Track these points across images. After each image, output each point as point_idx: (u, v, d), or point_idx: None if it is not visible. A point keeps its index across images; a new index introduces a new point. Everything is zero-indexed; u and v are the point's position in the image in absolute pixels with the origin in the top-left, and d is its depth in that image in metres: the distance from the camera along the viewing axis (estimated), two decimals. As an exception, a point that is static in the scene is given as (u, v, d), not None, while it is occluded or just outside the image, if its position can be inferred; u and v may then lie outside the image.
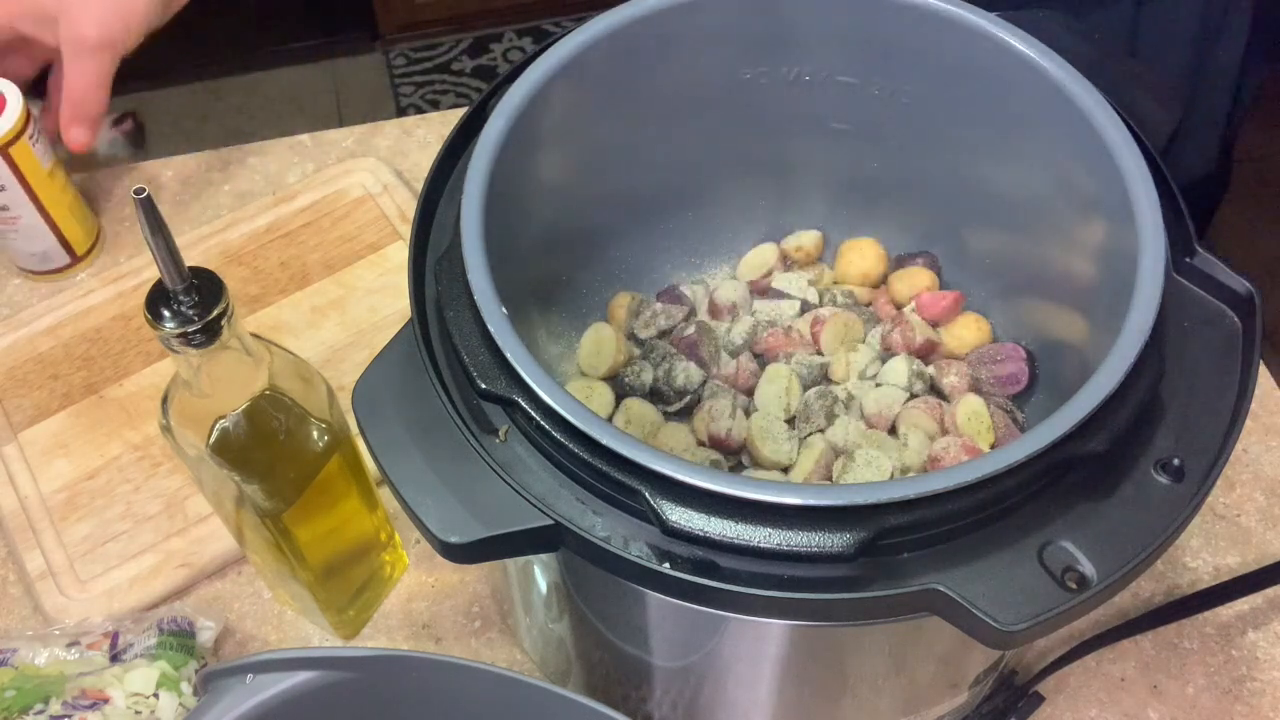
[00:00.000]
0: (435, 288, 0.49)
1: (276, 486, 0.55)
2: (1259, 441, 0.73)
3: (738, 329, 0.64)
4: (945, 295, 0.62)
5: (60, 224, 0.80)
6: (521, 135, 0.53)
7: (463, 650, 0.67)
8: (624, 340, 0.63)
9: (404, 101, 2.14)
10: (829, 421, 0.60)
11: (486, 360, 0.46)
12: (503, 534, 0.43)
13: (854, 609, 0.43)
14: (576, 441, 0.44)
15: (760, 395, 0.61)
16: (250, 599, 0.69)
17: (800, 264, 0.66)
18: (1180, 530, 0.43)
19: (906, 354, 0.61)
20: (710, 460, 0.59)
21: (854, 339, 0.63)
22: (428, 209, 0.53)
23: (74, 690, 0.59)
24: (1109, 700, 0.64)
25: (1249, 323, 0.48)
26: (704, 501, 0.42)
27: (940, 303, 0.62)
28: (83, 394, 0.76)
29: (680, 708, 0.56)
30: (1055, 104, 0.52)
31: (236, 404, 0.52)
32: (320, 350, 0.77)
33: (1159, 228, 0.47)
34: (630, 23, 0.55)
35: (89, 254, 0.83)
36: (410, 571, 0.69)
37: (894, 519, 0.41)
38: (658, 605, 0.47)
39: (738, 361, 0.63)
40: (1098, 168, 0.50)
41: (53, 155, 0.78)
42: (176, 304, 0.47)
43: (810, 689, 0.53)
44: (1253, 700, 0.64)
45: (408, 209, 0.84)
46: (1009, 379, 0.60)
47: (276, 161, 0.89)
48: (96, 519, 0.70)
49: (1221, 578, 0.67)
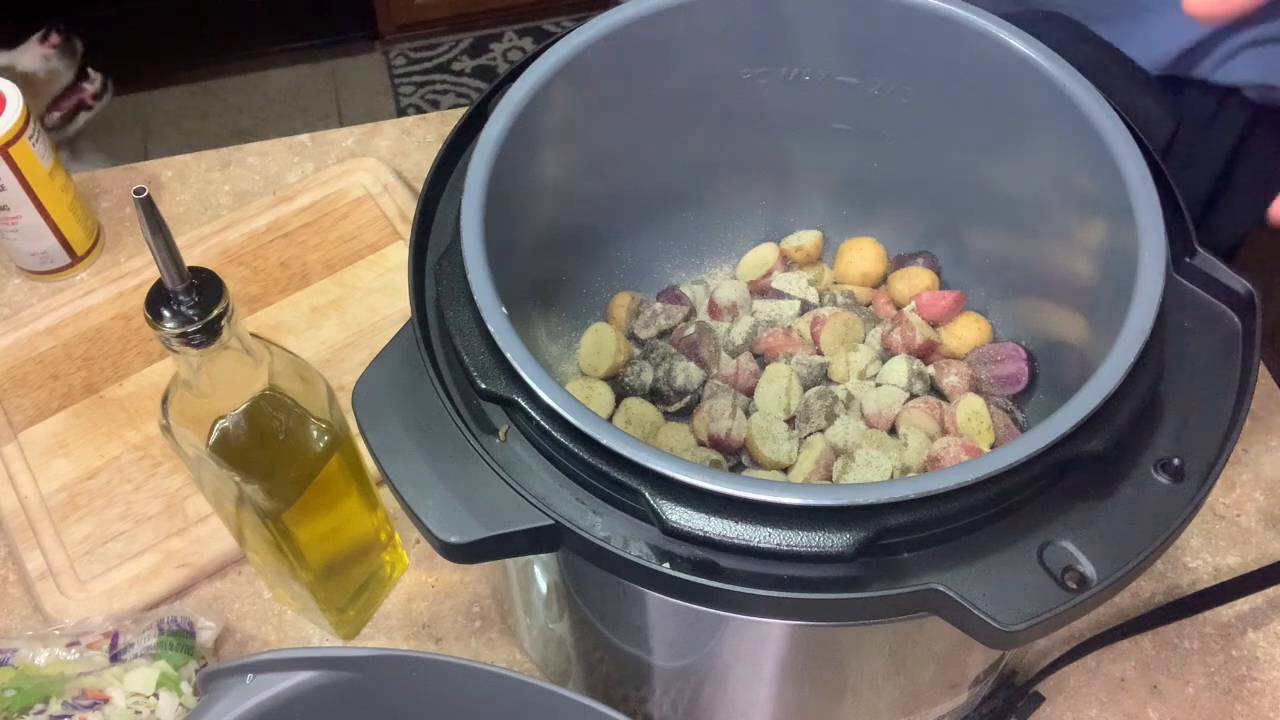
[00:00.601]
0: (435, 288, 0.49)
1: (276, 486, 0.55)
2: (1259, 441, 0.73)
3: (737, 329, 0.64)
4: (945, 295, 0.62)
5: (60, 224, 0.80)
6: (521, 135, 0.53)
7: (463, 650, 0.67)
8: (624, 340, 0.63)
9: (404, 101, 2.14)
10: (829, 421, 0.60)
11: (486, 360, 0.46)
12: (503, 534, 0.43)
13: (854, 609, 0.43)
14: (576, 441, 0.44)
15: (760, 395, 0.61)
16: (250, 599, 0.69)
17: (800, 264, 0.66)
18: (1180, 530, 0.43)
19: (906, 354, 0.61)
20: (710, 460, 0.59)
21: (854, 339, 0.63)
22: (428, 209, 0.53)
23: (74, 690, 0.59)
24: (1109, 700, 0.64)
25: (1249, 323, 0.48)
26: (704, 501, 0.42)
27: (940, 303, 0.62)
28: (83, 394, 0.76)
29: (680, 708, 0.56)
30: (1055, 104, 0.52)
31: (236, 404, 0.52)
32: (320, 350, 0.77)
33: (1159, 227, 0.47)
34: (630, 23, 0.55)
35: (89, 254, 0.83)
36: (410, 571, 0.69)
37: (894, 519, 0.41)
38: (658, 605, 0.47)
39: (738, 362, 0.63)
40: (1098, 168, 0.50)
41: (53, 155, 0.78)
42: (176, 304, 0.47)
43: (810, 689, 0.53)
44: (1253, 700, 0.64)
45: (408, 209, 0.84)
46: (1009, 379, 0.60)
47: (276, 161, 0.89)
48: (96, 519, 0.70)
49: (1221, 578, 0.67)
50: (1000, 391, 0.60)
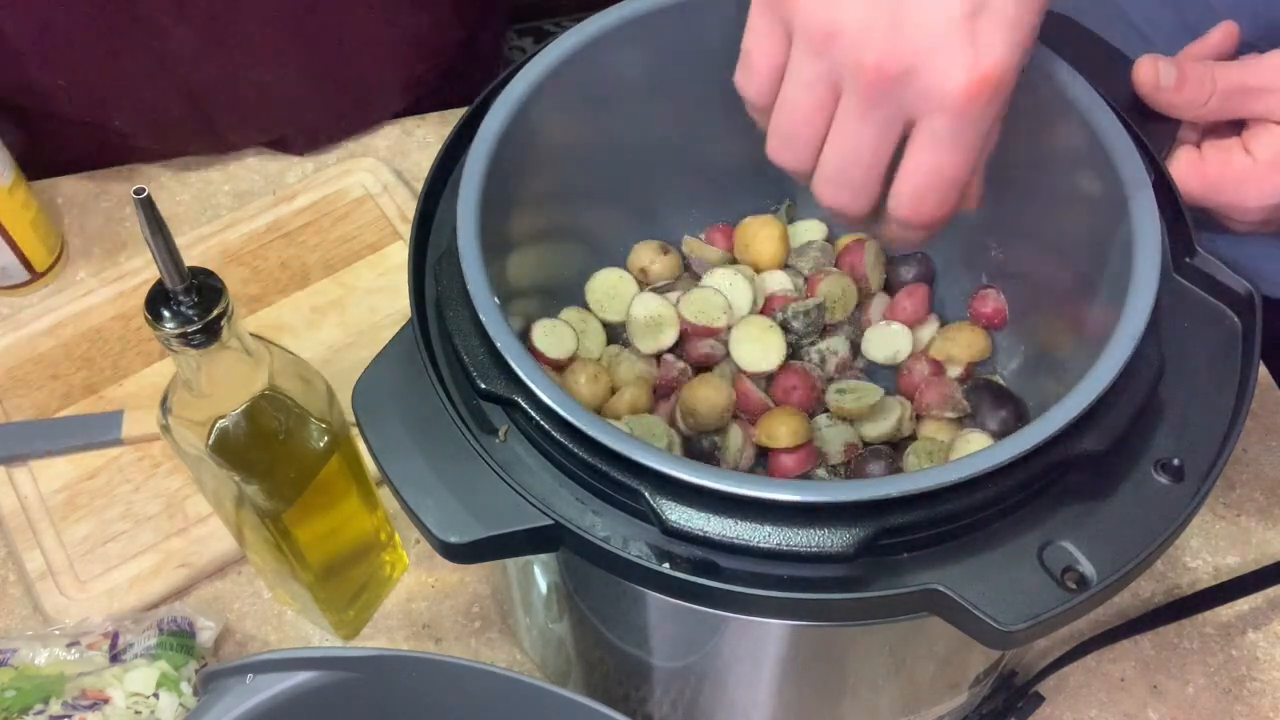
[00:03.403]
0: (435, 288, 0.49)
1: (276, 486, 0.55)
2: (1259, 441, 0.73)
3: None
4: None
5: (19, 241, 0.78)
6: (520, 135, 0.53)
7: (463, 650, 0.67)
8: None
9: (404, 101, 2.13)
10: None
11: (486, 360, 0.46)
12: (502, 534, 0.43)
13: (854, 609, 0.43)
14: (576, 441, 0.44)
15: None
16: (250, 599, 0.69)
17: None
18: (1180, 530, 0.43)
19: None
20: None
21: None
22: (427, 209, 0.53)
23: (74, 690, 0.59)
24: (1109, 700, 0.64)
25: (1249, 322, 0.48)
26: (703, 500, 0.42)
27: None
28: (83, 394, 0.76)
29: (680, 708, 0.56)
30: (1055, 104, 0.52)
31: (236, 404, 0.52)
32: (320, 350, 0.77)
33: (1155, 222, 0.47)
34: (629, 22, 0.55)
35: (50, 270, 0.82)
36: (410, 571, 0.69)
37: (894, 518, 0.41)
38: (658, 605, 0.47)
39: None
40: (1097, 167, 0.50)
41: (13, 172, 0.77)
42: (176, 304, 0.47)
43: (810, 689, 0.53)
44: (1253, 700, 0.64)
45: (408, 209, 0.84)
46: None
47: (276, 161, 0.89)
48: (96, 519, 0.70)
49: (1221, 578, 0.67)
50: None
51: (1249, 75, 0.53)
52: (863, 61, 0.41)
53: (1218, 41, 0.57)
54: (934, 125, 0.42)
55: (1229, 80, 0.53)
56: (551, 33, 1.22)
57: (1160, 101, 0.54)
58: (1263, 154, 0.53)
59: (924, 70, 0.41)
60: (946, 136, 0.42)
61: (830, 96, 0.44)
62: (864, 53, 0.41)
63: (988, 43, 0.41)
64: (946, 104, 0.41)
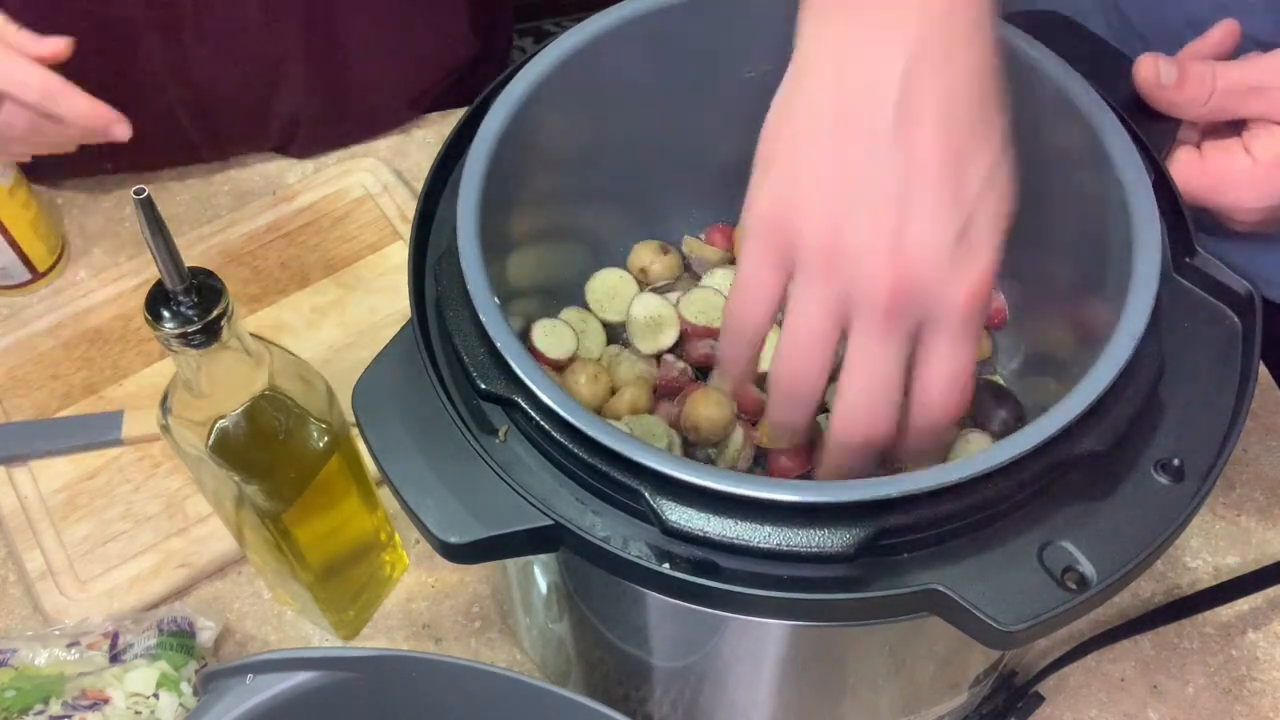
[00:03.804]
0: (435, 288, 0.49)
1: (276, 486, 0.55)
2: (1259, 441, 0.73)
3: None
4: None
5: (21, 241, 0.79)
6: (520, 135, 0.53)
7: (463, 650, 0.67)
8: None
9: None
10: None
11: (486, 360, 0.46)
12: (502, 534, 0.43)
13: (854, 609, 0.43)
14: (576, 441, 0.44)
15: None
16: (250, 599, 0.69)
17: None
18: (1180, 530, 0.43)
19: None
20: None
21: None
22: (427, 209, 0.53)
23: (74, 690, 0.59)
24: (1109, 700, 0.64)
25: (1249, 323, 0.48)
26: (703, 500, 0.42)
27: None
28: (83, 394, 0.76)
29: (680, 708, 0.56)
30: (1055, 104, 0.52)
31: (236, 404, 0.52)
32: (320, 350, 0.77)
33: (1155, 222, 0.47)
34: (629, 22, 0.55)
35: (51, 270, 0.82)
36: (410, 571, 0.69)
37: (894, 518, 0.41)
38: (658, 605, 0.47)
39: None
40: (1097, 167, 0.50)
41: (13, 173, 0.77)
42: (176, 304, 0.47)
43: (810, 689, 0.53)
44: (1253, 700, 0.64)
45: (408, 209, 0.84)
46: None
47: (276, 162, 0.89)
48: (96, 519, 0.70)
49: (1221, 578, 0.67)
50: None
51: (1249, 74, 0.54)
52: (877, 284, 0.42)
53: (1218, 40, 0.57)
54: (947, 330, 0.43)
55: (1229, 79, 0.53)
56: (551, 33, 1.22)
57: (1161, 100, 0.54)
58: (1263, 154, 0.54)
59: (933, 284, 0.42)
60: (960, 336, 0.43)
61: (836, 326, 0.43)
62: (877, 276, 0.42)
63: (979, 245, 0.43)
64: (955, 310, 0.43)
